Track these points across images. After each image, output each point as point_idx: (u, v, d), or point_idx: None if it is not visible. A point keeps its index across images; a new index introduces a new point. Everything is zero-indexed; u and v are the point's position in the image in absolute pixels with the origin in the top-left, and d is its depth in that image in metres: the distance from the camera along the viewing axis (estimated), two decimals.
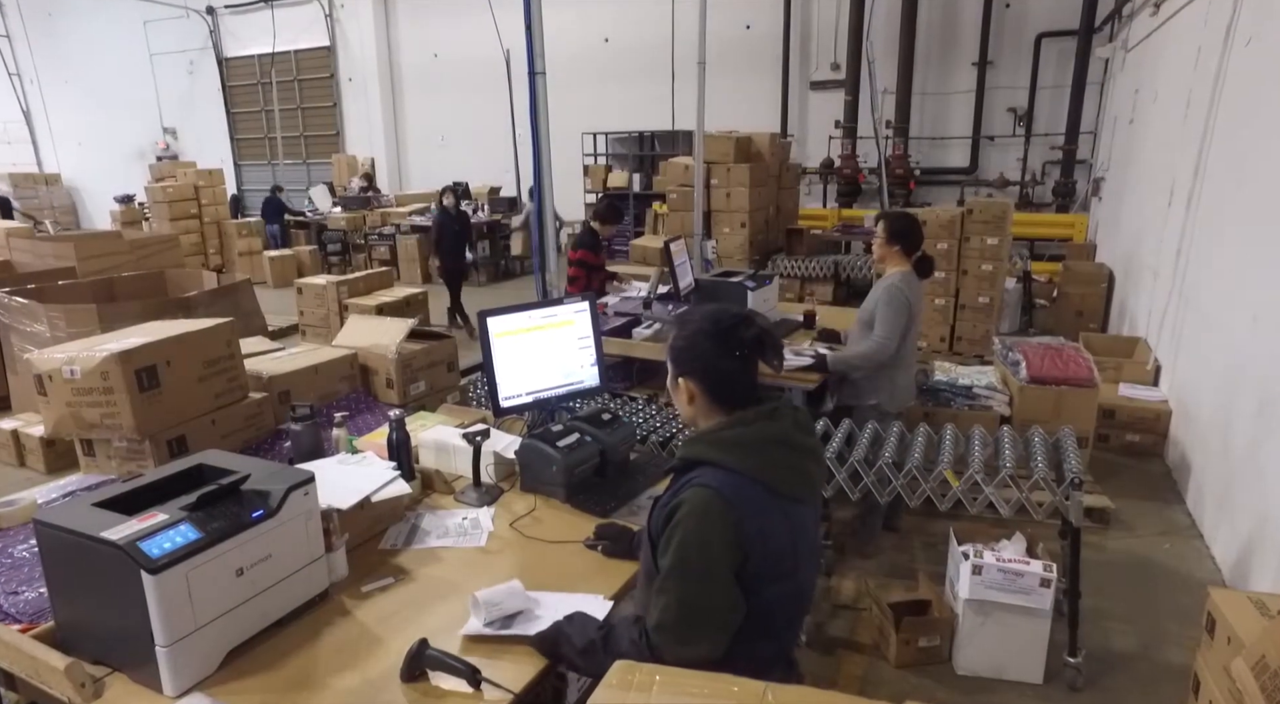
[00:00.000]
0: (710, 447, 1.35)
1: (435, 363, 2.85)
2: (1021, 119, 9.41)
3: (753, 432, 1.34)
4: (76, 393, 2.08)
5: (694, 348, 1.41)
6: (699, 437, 1.39)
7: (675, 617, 1.28)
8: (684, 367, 1.41)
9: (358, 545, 1.77)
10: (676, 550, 1.28)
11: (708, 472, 1.31)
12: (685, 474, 1.35)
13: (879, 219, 3.33)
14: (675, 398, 1.46)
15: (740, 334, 1.38)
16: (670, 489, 1.37)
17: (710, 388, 1.40)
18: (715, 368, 1.39)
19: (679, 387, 1.43)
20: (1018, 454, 2.67)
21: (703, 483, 1.30)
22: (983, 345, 5.96)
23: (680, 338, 1.42)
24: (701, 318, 1.42)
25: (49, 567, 1.39)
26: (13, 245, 6.86)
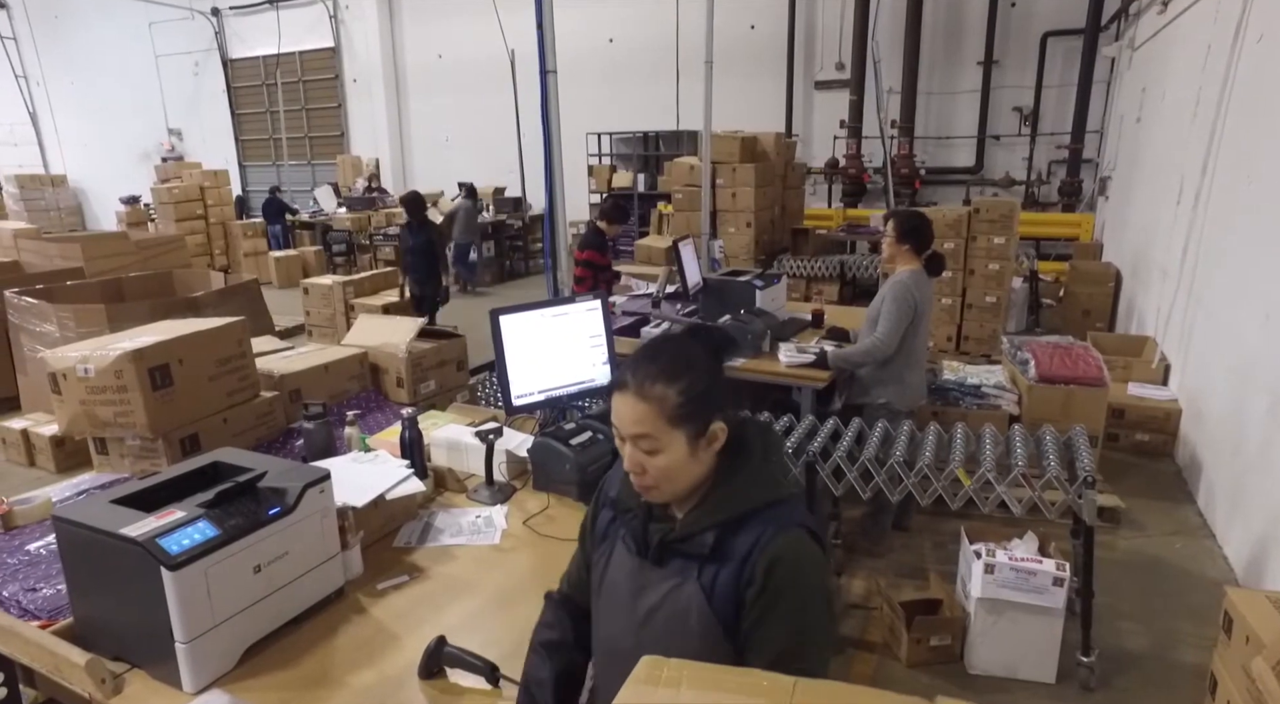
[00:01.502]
0: (769, 488, 1.12)
1: (445, 362, 2.85)
2: (1027, 118, 9.37)
3: (779, 443, 1.22)
4: (90, 391, 2.09)
5: (717, 376, 1.14)
6: (743, 484, 1.11)
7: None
8: (715, 405, 1.10)
9: (372, 543, 1.77)
10: (799, 615, 1.05)
11: (783, 510, 1.10)
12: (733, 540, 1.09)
13: (889, 217, 3.32)
14: (690, 466, 1.10)
15: (713, 338, 1.20)
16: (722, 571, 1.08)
17: (733, 420, 1.13)
18: (731, 391, 1.16)
19: (703, 439, 1.09)
20: (1029, 453, 2.66)
21: (787, 528, 1.07)
22: (990, 345, 5.95)
23: (699, 378, 1.09)
24: (693, 341, 1.17)
25: (68, 563, 1.39)
26: (21, 246, 6.89)
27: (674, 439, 1.08)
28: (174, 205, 10.24)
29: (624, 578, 1.17)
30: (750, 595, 1.06)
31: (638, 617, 1.15)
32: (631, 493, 1.16)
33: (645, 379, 1.08)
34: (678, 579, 1.11)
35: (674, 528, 1.13)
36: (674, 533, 1.12)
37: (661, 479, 1.10)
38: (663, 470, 1.09)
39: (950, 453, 2.73)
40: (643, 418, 1.08)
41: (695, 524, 1.11)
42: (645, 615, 1.14)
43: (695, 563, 1.10)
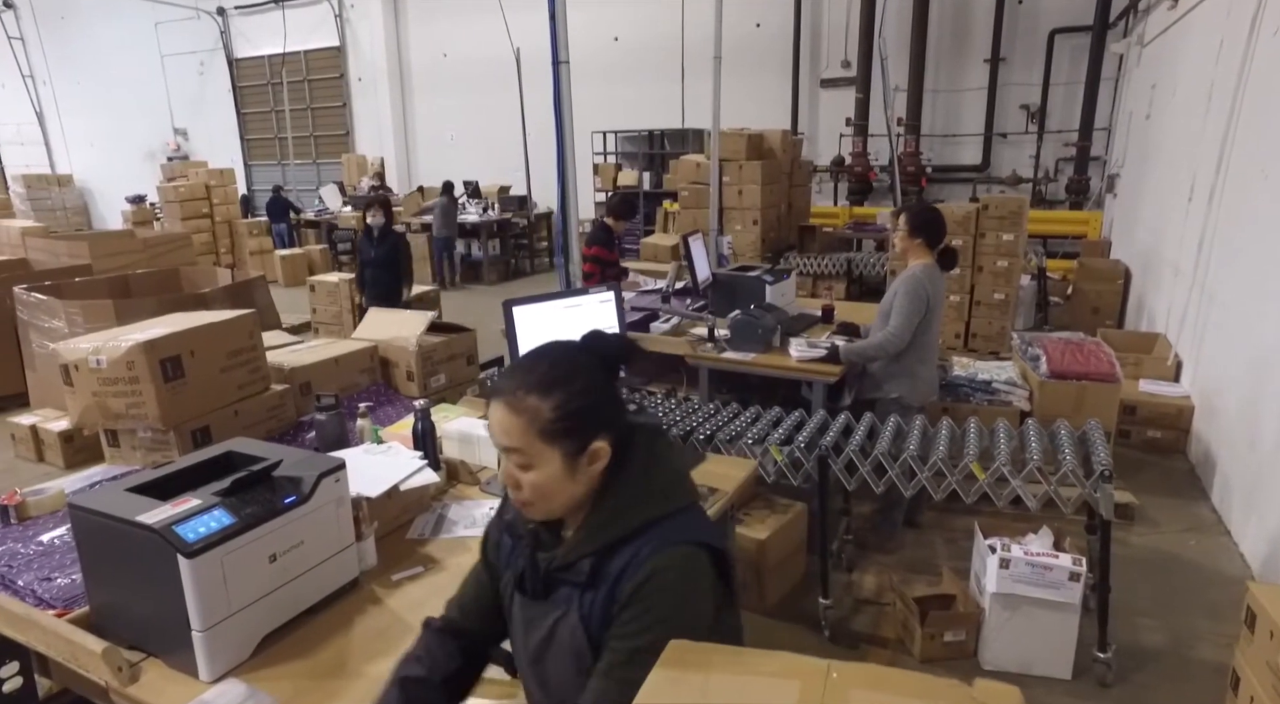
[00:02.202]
0: (658, 501, 1.03)
1: (455, 356, 2.84)
2: (1034, 116, 9.34)
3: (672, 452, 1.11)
4: (102, 383, 2.08)
5: (602, 390, 1.04)
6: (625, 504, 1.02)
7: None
8: (598, 422, 1.01)
9: (385, 535, 1.76)
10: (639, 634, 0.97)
11: (671, 526, 1.02)
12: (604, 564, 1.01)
13: (901, 212, 3.30)
14: (566, 486, 1.01)
15: (607, 345, 1.09)
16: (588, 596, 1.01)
17: (620, 436, 1.03)
18: (619, 407, 1.06)
19: (583, 458, 1.00)
20: (1044, 448, 2.64)
21: (678, 541, 1.00)
22: (998, 342, 5.92)
23: (580, 393, 1.00)
24: (580, 351, 1.06)
25: (84, 551, 1.38)
26: (28, 244, 6.92)
27: (547, 456, 0.99)
28: (180, 204, 10.26)
29: (517, 611, 1.10)
30: (618, 615, 0.98)
31: (529, 653, 1.08)
32: (520, 519, 1.08)
33: (519, 389, 0.99)
34: (562, 610, 1.03)
35: (555, 556, 1.04)
36: (558, 561, 1.04)
37: (536, 497, 1.01)
38: (536, 488, 1.00)
39: (964, 447, 2.71)
40: (513, 430, 0.99)
41: (574, 551, 1.03)
42: (535, 652, 1.06)
43: (577, 590, 1.02)
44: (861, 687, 0.81)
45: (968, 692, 0.79)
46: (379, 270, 5.21)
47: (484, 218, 10.09)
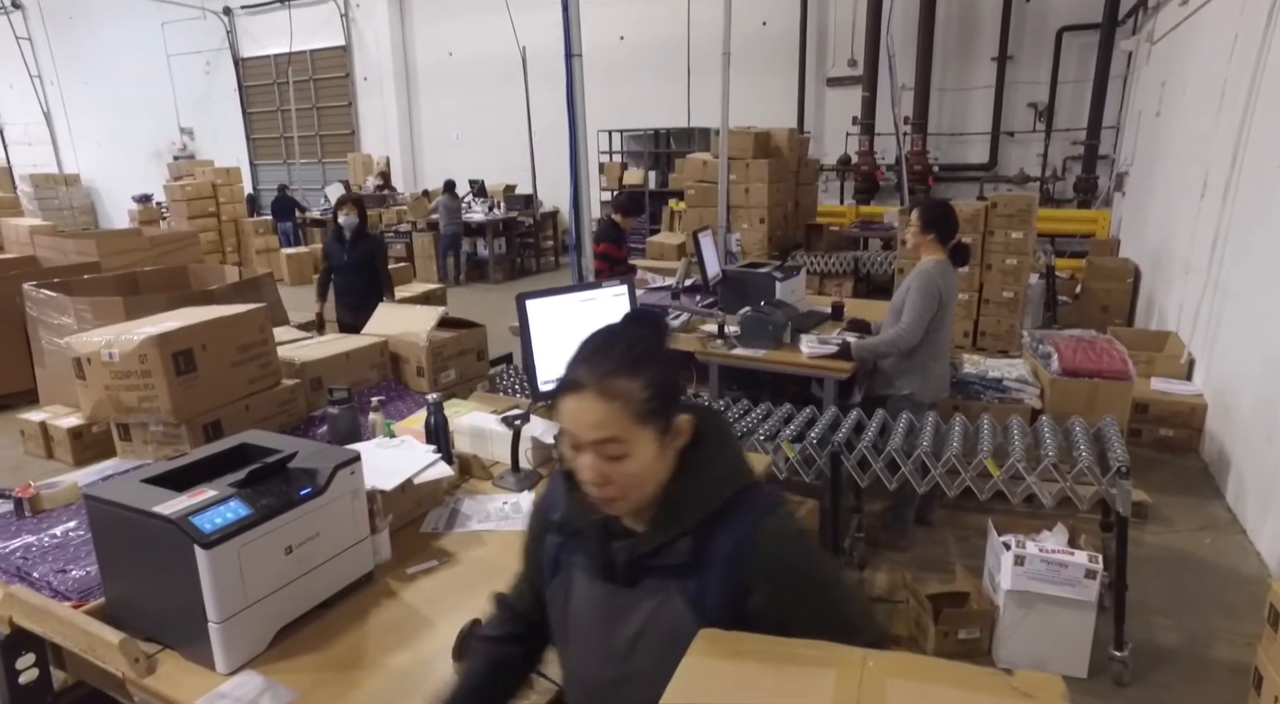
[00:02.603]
0: (743, 471, 1.03)
1: (465, 351, 2.83)
2: (1042, 114, 9.30)
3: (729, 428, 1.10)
4: (115, 376, 2.07)
5: (675, 367, 1.04)
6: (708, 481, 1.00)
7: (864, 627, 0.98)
8: (679, 397, 1.00)
9: (399, 529, 1.75)
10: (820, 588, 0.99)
11: (751, 497, 1.00)
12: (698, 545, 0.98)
13: (913, 207, 3.28)
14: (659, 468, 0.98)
15: (655, 320, 1.09)
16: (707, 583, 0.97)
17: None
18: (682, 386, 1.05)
19: (672, 432, 0.97)
20: (1058, 444, 2.62)
21: (768, 509, 1.00)
22: (1008, 340, 5.89)
23: (662, 371, 0.98)
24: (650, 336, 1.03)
25: (100, 543, 1.37)
26: (37, 243, 6.93)
27: (642, 439, 0.94)
28: (186, 203, 10.28)
29: (593, 608, 1.04)
30: (757, 603, 0.95)
31: (618, 648, 1.02)
32: (580, 512, 1.03)
33: (605, 375, 0.94)
34: (658, 597, 0.99)
35: (639, 542, 1.00)
36: (643, 547, 0.99)
37: (630, 488, 0.96)
38: (632, 478, 0.95)
39: (977, 444, 2.69)
40: (607, 420, 0.93)
41: (666, 533, 0.98)
42: (629, 645, 1.01)
43: (674, 577, 0.98)
44: (899, 675, 0.79)
45: (1008, 680, 0.77)
46: (351, 277, 4.61)
47: (490, 216, 10.09)
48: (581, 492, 1.01)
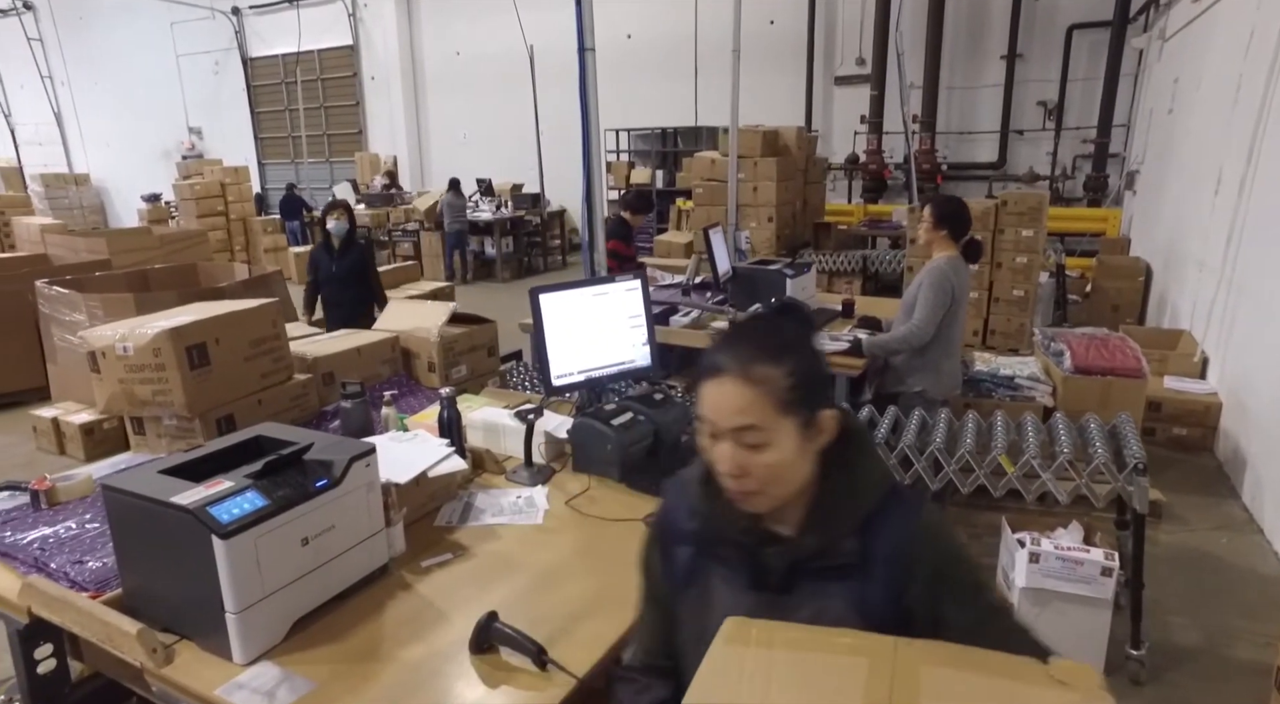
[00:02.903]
0: (886, 468, 1.04)
1: (476, 347, 2.82)
2: (1052, 112, 9.26)
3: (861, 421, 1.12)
4: (129, 370, 2.07)
5: (821, 361, 0.99)
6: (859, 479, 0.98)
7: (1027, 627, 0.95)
8: (826, 391, 0.99)
9: (413, 522, 1.75)
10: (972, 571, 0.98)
11: (898, 494, 0.99)
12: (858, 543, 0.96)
13: (924, 204, 3.26)
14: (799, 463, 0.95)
15: (804, 312, 1.10)
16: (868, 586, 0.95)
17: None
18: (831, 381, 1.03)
19: (815, 427, 0.95)
20: (1073, 441, 2.60)
21: (908, 514, 0.97)
22: (1018, 339, 5.86)
23: (808, 359, 0.96)
24: (797, 326, 1.03)
25: (117, 533, 1.37)
26: (48, 241, 6.99)
27: (784, 430, 0.92)
28: (195, 201, 10.33)
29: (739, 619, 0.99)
30: (915, 595, 0.93)
31: None
32: (725, 520, 0.99)
33: (749, 360, 0.92)
34: (816, 603, 0.95)
35: (798, 546, 0.96)
36: (805, 550, 0.96)
37: (768, 481, 0.93)
38: (770, 470, 0.92)
39: (990, 441, 2.67)
40: (749, 406, 0.91)
41: (828, 534, 0.95)
42: None
43: (832, 580, 0.95)
44: (933, 663, 0.78)
45: (1044, 669, 0.76)
46: (340, 288, 4.29)
47: (497, 215, 10.10)
48: (723, 499, 0.98)
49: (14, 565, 1.53)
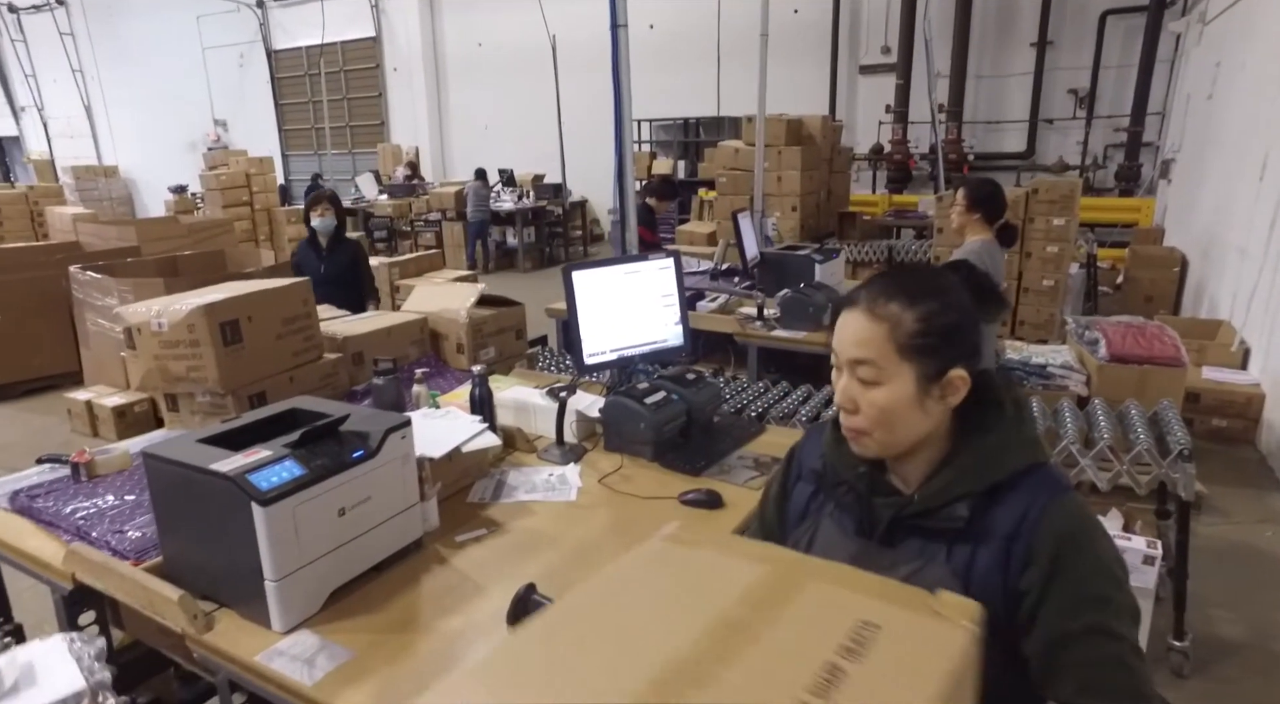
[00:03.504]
0: (1033, 448, 0.95)
1: (504, 329, 2.81)
2: (1083, 101, 9.06)
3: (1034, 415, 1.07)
4: (164, 346, 2.09)
5: (966, 314, 0.95)
6: (1019, 435, 0.94)
7: (1145, 674, 0.87)
8: (963, 348, 0.93)
9: (445, 499, 1.73)
10: (1101, 583, 0.88)
11: (1033, 483, 0.93)
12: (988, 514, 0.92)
13: (959, 186, 3.20)
14: (912, 414, 0.93)
15: (982, 279, 1.02)
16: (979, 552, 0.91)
17: (977, 374, 0.95)
18: (980, 346, 0.96)
19: (936, 386, 0.92)
20: (1113, 428, 2.54)
21: (1056, 495, 0.91)
22: (1047, 329, 5.75)
23: (953, 309, 0.93)
24: (952, 280, 0.98)
25: (158, 501, 1.37)
26: (80, 229, 7.09)
27: (900, 373, 0.91)
28: (221, 191, 10.42)
29: (843, 561, 0.98)
30: (1031, 579, 0.88)
31: None
32: (845, 462, 1.01)
33: (881, 296, 0.92)
34: (917, 563, 0.93)
35: (910, 501, 0.95)
36: (916, 507, 0.94)
37: (875, 422, 0.93)
38: (879, 410, 0.92)
39: None
40: (867, 340, 0.92)
41: (942, 494, 0.93)
42: None
43: (942, 543, 0.93)
44: (822, 580, 0.79)
45: (927, 598, 0.75)
46: (330, 291, 3.48)
47: (519, 205, 10.10)
48: (848, 444, 0.99)
49: (58, 533, 1.55)
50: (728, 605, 0.75)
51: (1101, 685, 0.86)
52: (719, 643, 0.69)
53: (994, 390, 0.96)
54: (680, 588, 0.81)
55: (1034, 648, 0.90)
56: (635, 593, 0.82)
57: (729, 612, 0.74)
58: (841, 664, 0.65)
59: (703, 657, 0.67)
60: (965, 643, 0.69)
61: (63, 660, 1.02)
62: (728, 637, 0.70)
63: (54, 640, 1.06)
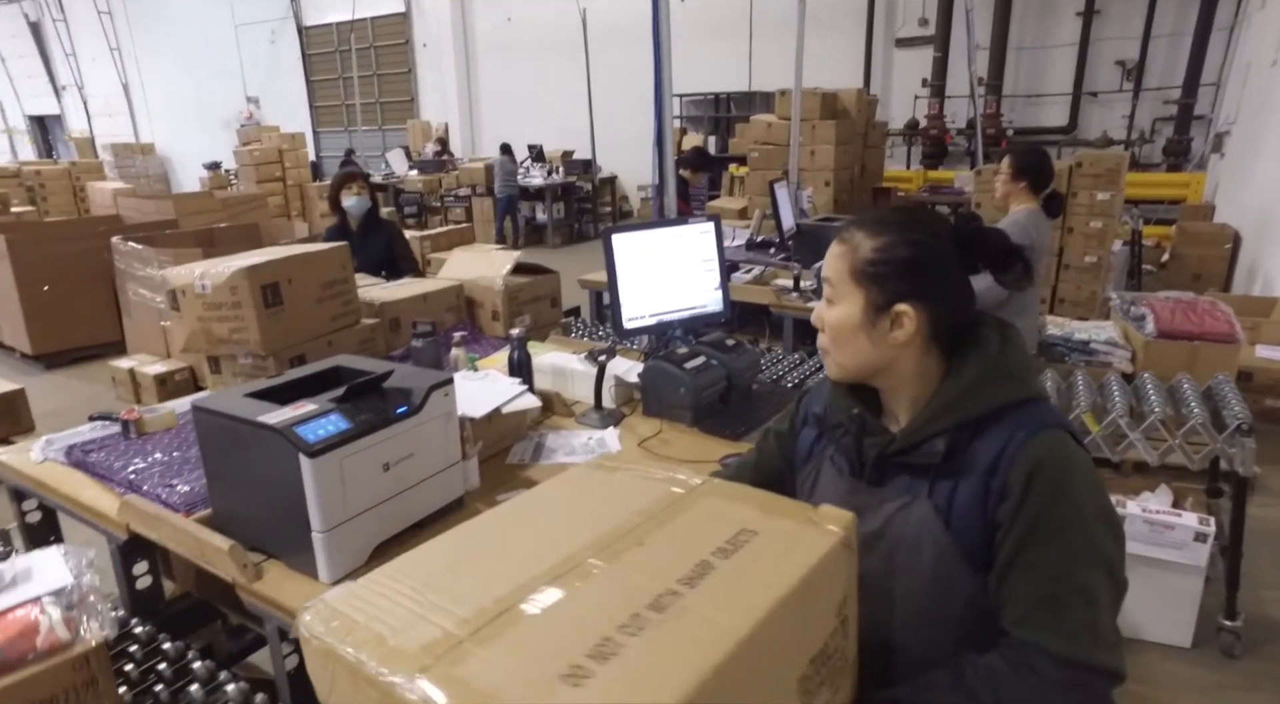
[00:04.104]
0: (1015, 383, 0.95)
1: (539, 297, 2.81)
2: (1131, 73, 8.73)
3: (1019, 341, 1.01)
4: (207, 308, 2.11)
5: (937, 258, 0.97)
6: (979, 381, 0.95)
7: (1104, 621, 0.87)
8: (913, 286, 0.96)
9: (485, 459, 1.73)
10: (1055, 540, 0.88)
11: (1020, 417, 0.93)
12: (973, 447, 0.94)
13: (1004, 154, 3.10)
14: (858, 339, 0.99)
15: (986, 240, 1.01)
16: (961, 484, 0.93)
17: (946, 319, 0.98)
18: (958, 289, 0.99)
19: (884, 318, 0.97)
20: (1164, 402, 2.46)
21: (1040, 429, 0.91)
22: (1088, 307, 5.59)
23: (908, 245, 0.96)
24: (931, 219, 1.03)
25: (207, 453, 1.39)
26: (120, 204, 7.25)
27: (850, 296, 0.98)
28: (255, 167, 10.54)
29: (836, 502, 0.99)
30: (1004, 512, 0.90)
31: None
32: (840, 404, 1.07)
33: (854, 224, 1.02)
34: (904, 499, 0.97)
35: (892, 439, 1.00)
36: (896, 444, 0.98)
37: (831, 341, 1.02)
38: (832, 328, 1.01)
39: (1071, 400, 2.55)
40: (833, 262, 1.01)
41: (919, 432, 0.96)
42: (865, 543, 0.96)
43: (924, 479, 0.96)
44: (718, 496, 0.90)
45: (808, 511, 0.85)
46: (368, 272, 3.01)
47: (548, 181, 10.07)
48: (843, 386, 1.06)
49: (111, 487, 1.58)
50: (626, 517, 0.84)
51: (1035, 620, 0.87)
52: (608, 546, 0.79)
53: (981, 331, 0.99)
54: (587, 503, 0.92)
55: (1009, 589, 0.90)
56: (546, 507, 0.94)
57: (626, 522, 0.84)
58: (714, 561, 0.74)
59: (591, 555, 0.78)
60: (830, 545, 0.78)
61: (56, 565, 1.16)
62: (617, 541, 0.80)
63: (50, 551, 1.20)
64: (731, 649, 0.63)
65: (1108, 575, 0.88)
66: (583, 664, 0.62)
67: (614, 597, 0.71)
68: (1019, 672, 0.86)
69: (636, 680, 0.60)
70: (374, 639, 0.68)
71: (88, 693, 1.07)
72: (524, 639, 0.67)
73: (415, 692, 0.62)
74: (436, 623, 0.70)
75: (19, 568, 1.15)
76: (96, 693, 1.08)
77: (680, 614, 0.67)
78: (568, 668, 0.62)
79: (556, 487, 0.99)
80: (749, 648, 0.64)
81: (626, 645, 0.64)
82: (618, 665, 0.62)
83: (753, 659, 0.65)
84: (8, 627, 1.03)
